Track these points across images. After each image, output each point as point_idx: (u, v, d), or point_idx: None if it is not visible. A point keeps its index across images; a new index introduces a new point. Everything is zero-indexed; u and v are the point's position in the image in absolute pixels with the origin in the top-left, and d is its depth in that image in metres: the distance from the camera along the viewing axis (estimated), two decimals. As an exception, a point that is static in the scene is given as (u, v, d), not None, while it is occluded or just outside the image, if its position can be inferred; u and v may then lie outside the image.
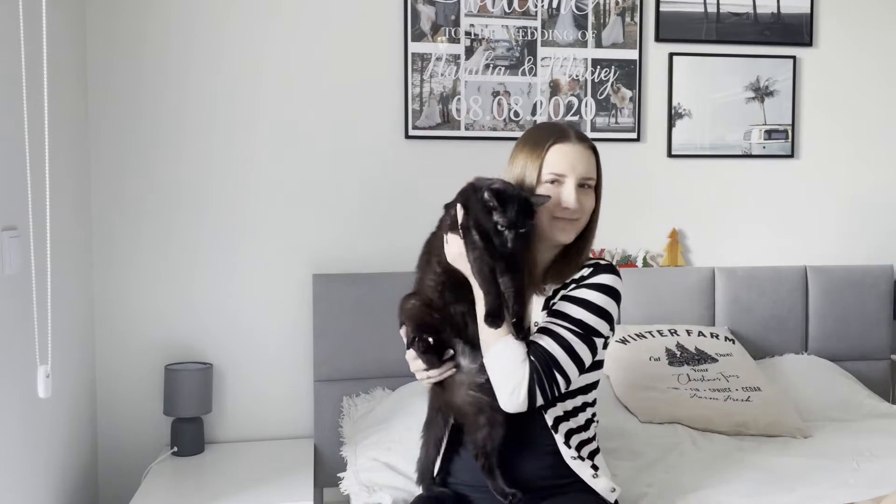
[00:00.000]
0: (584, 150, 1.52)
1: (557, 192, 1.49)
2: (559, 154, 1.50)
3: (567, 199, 1.49)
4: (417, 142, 2.55)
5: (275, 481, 2.13)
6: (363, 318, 2.39)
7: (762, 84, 2.75)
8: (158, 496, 2.06)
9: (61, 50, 2.13)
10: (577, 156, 1.51)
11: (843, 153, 2.84)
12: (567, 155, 1.50)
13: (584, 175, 1.51)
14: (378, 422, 2.19)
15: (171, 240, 2.42)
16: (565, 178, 1.50)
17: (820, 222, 2.84)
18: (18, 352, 1.72)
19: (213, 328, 2.45)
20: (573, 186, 1.50)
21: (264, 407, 2.49)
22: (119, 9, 2.36)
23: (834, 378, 2.54)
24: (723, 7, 2.71)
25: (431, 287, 1.52)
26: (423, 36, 2.52)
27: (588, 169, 1.52)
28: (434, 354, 1.49)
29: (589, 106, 2.64)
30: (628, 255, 2.68)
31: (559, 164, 1.50)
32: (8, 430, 1.70)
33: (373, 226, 2.53)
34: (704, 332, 2.51)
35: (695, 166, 2.74)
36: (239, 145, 2.45)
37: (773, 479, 1.87)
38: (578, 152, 1.51)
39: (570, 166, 1.50)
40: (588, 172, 1.52)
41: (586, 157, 1.53)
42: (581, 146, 1.52)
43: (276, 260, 2.48)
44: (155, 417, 2.40)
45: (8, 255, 1.69)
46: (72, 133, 2.22)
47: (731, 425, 2.21)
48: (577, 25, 2.62)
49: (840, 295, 2.70)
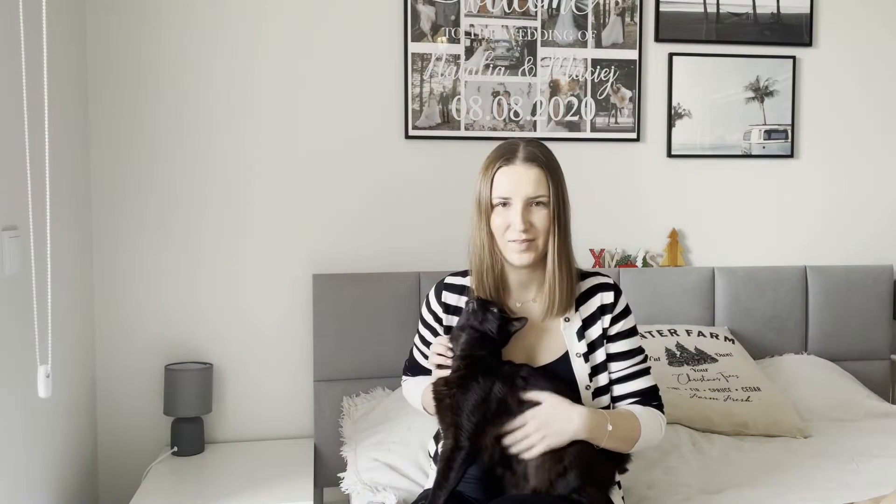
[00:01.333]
0: (527, 169, 1.50)
1: (507, 215, 1.50)
2: (503, 177, 1.50)
3: (514, 222, 1.49)
4: (417, 142, 2.55)
5: (275, 481, 2.13)
6: (363, 318, 2.39)
7: (762, 84, 2.75)
8: (158, 496, 2.06)
9: (61, 50, 2.13)
10: (521, 177, 1.49)
11: (843, 153, 2.84)
12: (511, 178, 1.50)
13: (531, 195, 1.49)
14: (378, 422, 2.19)
15: (171, 240, 2.42)
16: (511, 201, 1.50)
17: (820, 222, 2.84)
18: (18, 352, 1.72)
19: (214, 328, 2.45)
20: (519, 209, 1.49)
21: (264, 407, 2.49)
22: (119, 9, 2.36)
23: (834, 378, 2.54)
24: (723, 7, 2.71)
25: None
26: (423, 36, 2.52)
27: (535, 188, 1.49)
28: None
29: (589, 106, 2.64)
30: (628, 255, 2.68)
31: (504, 187, 1.50)
32: (8, 430, 1.70)
33: (373, 226, 2.53)
34: (704, 332, 2.51)
35: (694, 166, 2.74)
36: (239, 145, 2.45)
37: (773, 480, 1.87)
38: (522, 173, 1.49)
39: (514, 189, 1.49)
40: (535, 191, 1.49)
41: (532, 177, 1.50)
42: (525, 166, 1.50)
43: (276, 260, 2.48)
44: (155, 417, 2.40)
45: (8, 255, 1.69)
46: (72, 133, 2.22)
47: (731, 425, 2.21)
48: (577, 25, 2.62)
49: (840, 295, 2.70)
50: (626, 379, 1.59)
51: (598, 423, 1.46)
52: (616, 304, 1.59)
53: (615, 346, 1.59)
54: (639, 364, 1.60)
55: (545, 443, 1.42)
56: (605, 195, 2.68)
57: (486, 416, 1.46)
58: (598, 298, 1.59)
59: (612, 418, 1.49)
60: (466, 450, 1.46)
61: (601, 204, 2.67)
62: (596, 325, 1.58)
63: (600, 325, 1.58)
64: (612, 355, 1.59)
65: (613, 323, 1.59)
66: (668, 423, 2.16)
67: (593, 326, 1.58)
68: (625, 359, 1.59)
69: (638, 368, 1.60)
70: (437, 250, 2.53)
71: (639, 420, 1.53)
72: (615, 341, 1.59)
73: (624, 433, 1.50)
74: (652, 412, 1.57)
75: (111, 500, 2.39)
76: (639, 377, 1.59)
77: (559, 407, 1.45)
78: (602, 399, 1.58)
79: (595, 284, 1.60)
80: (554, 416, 1.44)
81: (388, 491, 1.86)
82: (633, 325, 1.62)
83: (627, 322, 1.60)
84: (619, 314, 1.59)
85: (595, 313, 1.58)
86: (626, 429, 1.51)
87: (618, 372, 1.59)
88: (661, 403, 1.61)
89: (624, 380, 1.59)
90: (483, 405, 1.45)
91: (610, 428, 1.47)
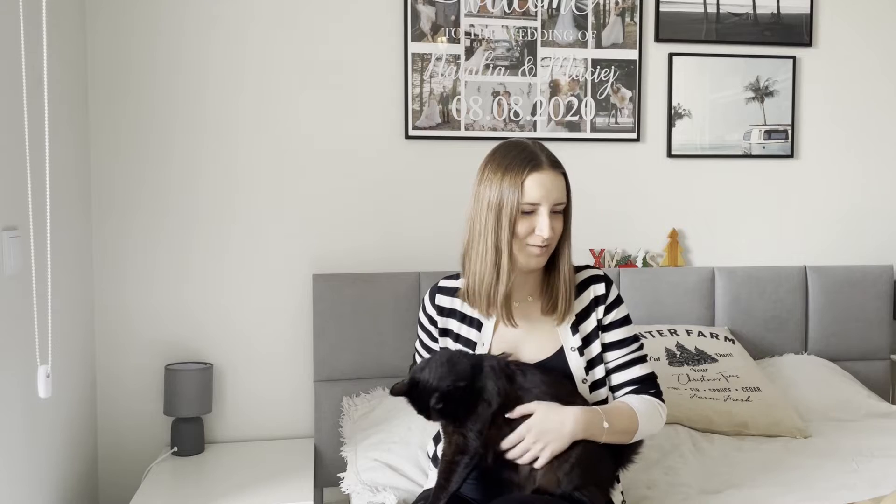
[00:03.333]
0: (555, 175, 1.49)
1: (531, 221, 1.48)
2: (534, 183, 1.47)
3: (542, 229, 1.47)
4: (417, 142, 2.55)
5: (275, 481, 2.13)
6: (363, 318, 2.39)
7: (762, 84, 2.75)
8: (158, 496, 2.06)
9: (61, 51, 2.13)
10: (551, 183, 1.48)
11: (843, 153, 2.84)
12: (543, 184, 1.47)
13: (557, 201, 1.50)
14: (378, 422, 2.19)
15: (171, 240, 2.42)
16: (539, 207, 1.48)
17: (820, 222, 2.84)
18: (18, 352, 1.72)
19: (213, 328, 2.45)
20: (547, 215, 1.48)
21: (264, 407, 2.49)
22: (119, 9, 2.36)
23: (834, 378, 2.54)
24: (723, 7, 2.71)
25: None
26: (423, 36, 2.52)
27: (560, 195, 1.50)
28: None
29: (589, 106, 2.64)
30: (628, 255, 2.68)
31: (535, 193, 1.47)
32: (8, 430, 1.70)
33: (373, 226, 2.53)
34: (704, 332, 2.51)
35: (694, 166, 2.74)
36: (239, 145, 2.45)
37: (773, 480, 1.87)
38: (551, 179, 1.48)
39: (544, 195, 1.47)
40: (560, 198, 1.50)
41: (558, 183, 1.50)
42: (553, 172, 1.49)
43: (276, 260, 2.48)
44: (155, 417, 2.40)
45: (8, 255, 1.69)
46: (72, 133, 2.22)
47: (731, 425, 2.21)
48: (577, 25, 2.62)
49: (840, 295, 2.70)
50: (622, 367, 1.59)
51: (593, 420, 1.46)
52: (608, 294, 1.60)
53: (610, 335, 1.59)
54: (634, 352, 1.60)
55: (548, 450, 1.43)
56: (605, 195, 2.68)
57: (491, 416, 1.45)
58: (590, 291, 1.60)
59: (607, 415, 1.49)
60: (471, 454, 1.44)
61: (601, 204, 2.67)
62: (590, 318, 1.59)
63: (594, 317, 1.59)
64: (607, 345, 1.59)
65: (607, 312, 1.59)
66: (668, 424, 2.17)
67: (587, 320, 1.59)
68: (620, 347, 1.60)
69: (634, 356, 1.60)
70: (437, 250, 2.53)
71: (636, 412, 1.53)
72: (609, 330, 1.59)
73: (621, 426, 1.51)
74: (649, 401, 1.57)
75: (111, 500, 2.39)
76: (635, 365, 1.60)
77: (551, 413, 1.44)
78: (600, 392, 1.58)
79: (587, 277, 1.61)
80: (548, 423, 1.43)
81: (388, 491, 1.86)
82: (627, 314, 1.62)
83: (620, 311, 1.61)
84: (611, 303, 1.60)
85: (589, 306, 1.59)
86: (623, 422, 1.51)
87: (614, 361, 1.59)
88: (660, 391, 1.61)
89: (620, 368, 1.59)
90: (485, 409, 1.45)
91: (606, 425, 1.47)
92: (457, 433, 1.45)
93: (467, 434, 1.44)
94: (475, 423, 1.44)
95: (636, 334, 1.63)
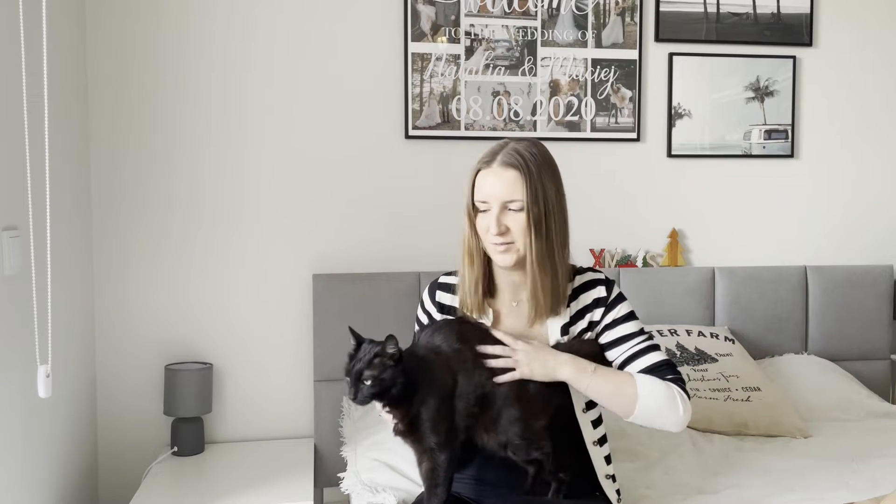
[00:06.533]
0: (503, 172, 1.49)
1: (487, 219, 1.52)
2: (482, 181, 1.52)
3: (490, 226, 1.50)
4: (417, 142, 2.55)
5: (275, 481, 2.13)
6: (363, 318, 2.39)
7: (762, 84, 2.75)
8: (158, 496, 2.06)
9: (61, 51, 2.13)
10: (497, 181, 1.49)
11: (843, 153, 2.84)
12: (488, 182, 1.50)
13: (505, 199, 1.49)
14: (378, 422, 2.18)
15: (171, 239, 2.42)
16: (489, 205, 1.51)
17: (820, 222, 2.84)
18: (18, 352, 1.73)
19: (213, 328, 2.45)
20: (495, 213, 1.49)
21: (264, 407, 2.49)
22: (119, 10, 2.36)
23: (834, 378, 2.54)
24: (723, 7, 2.71)
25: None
26: (423, 36, 2.52)
27: (510, 192, 1.48)
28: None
29: (589, 106, 2.64)
30: (628, 255, 2.68)
31: (482, 191, 1.51)
32: (8, 430, 1.70)
33: (373, 226, 2.53)
34: (704, 332, 2.51)
35: (695, 166, 2.74)
36: (239, 145, 2.45)
37: (774, 480, 1.87)
38: (498, 177, 1.49)
39: (490, 193, 1.50)
40: (510, 195, 1.48)
41: (508, 181, 1.49)
42: (501, 170, 1.49)
43: (276, 260, 2.48)
44: (155, 417, 2.40)
45: (8, 255, 1.69)
46: (72, 133, 2.22)
47: (731, 425, 2.21)
48: (577, 25, 2.62)
49: (840, 295, 2.70)
50: (632, 359, 1.55)
51: (581, 364, 1.50)
52: (609, 296, 1.58)
53: (612, 332, 1.57)
54: (643, 342, 1.56)
55: (529, 367, 1.47)
56: (606, 195, 2.68)
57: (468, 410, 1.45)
58: (591, 293, 1.58)
59: (597, 368, 1.51)
60: (445, 461, 1.44)
61: (601, 204, 2.67)
62: (583, 320, 1.57)
63: (588, 318, 1.57)
64: (611, 342, 1.57)
65: (606, 312, 1.57)
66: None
67: (580, 321, 1.57)
68: (626, 342, 1.56)
69: (643, 346, 1.56)
70: (437, 250, 2.53)
71: (633, 377, 1.51)
72: (611, 328, 1.57)
73: (611, 378, 1.50)
74: (659, 380, 1.51)
75: (111, 500, 2.39)
76: (646, 353, 1.55)
77: (544, 347, 1.52)
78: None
79: (586, 281, 1.59)
80: (539, 349, 1.50)
81: (388, 491, 1.86)
82: (630, 310, 1.59)
83: (621, 309, 1.58)
84: (611, 303, 1.58)
85: (588, 307, 1.57)
86: (615, 377, 1.51)
87: (622, 355, 1.56)
88: (680, 377, 1.54)
89: (630, 360, 1.55)
90: (448, 404, 1.44)
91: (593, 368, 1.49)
92: (425, 454, 1.45)
93: (433, 450, 1.44)
94: (432, 436, 1.43)
95: (644, 329, 1.59)
